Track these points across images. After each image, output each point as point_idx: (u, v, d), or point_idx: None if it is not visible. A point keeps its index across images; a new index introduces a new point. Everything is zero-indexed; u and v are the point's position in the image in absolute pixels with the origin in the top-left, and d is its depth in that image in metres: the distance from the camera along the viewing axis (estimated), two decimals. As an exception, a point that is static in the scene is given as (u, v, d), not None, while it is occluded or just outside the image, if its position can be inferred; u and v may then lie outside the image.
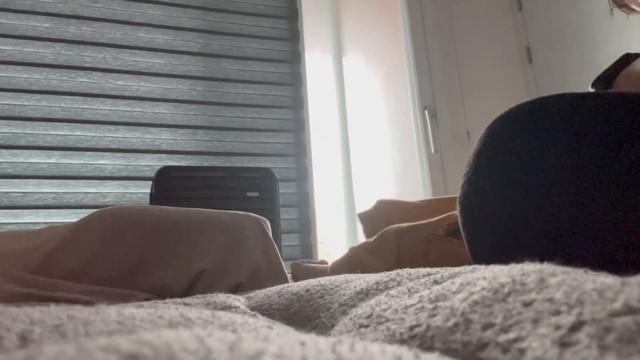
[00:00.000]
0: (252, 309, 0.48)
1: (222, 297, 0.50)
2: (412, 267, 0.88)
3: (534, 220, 0.46)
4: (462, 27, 2.23)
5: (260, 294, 0.53)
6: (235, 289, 0.81)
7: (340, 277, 0.48)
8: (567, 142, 0.46)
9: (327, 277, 0.50)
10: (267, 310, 0.47)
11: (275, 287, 0.54)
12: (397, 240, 0.95)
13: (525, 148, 0.49)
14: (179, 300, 0.51)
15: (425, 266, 0.86)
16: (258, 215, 0.92)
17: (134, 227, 0.81)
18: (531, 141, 0.49)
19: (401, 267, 0.88)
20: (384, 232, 0.99)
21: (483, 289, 0.27)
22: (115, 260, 0.78)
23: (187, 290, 0.79)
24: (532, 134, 0.49)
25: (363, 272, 0.88)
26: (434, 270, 0.40)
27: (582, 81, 1.81)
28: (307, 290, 0.46)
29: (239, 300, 0.50)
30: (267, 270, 0.87)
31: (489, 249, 0.50)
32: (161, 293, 0.76)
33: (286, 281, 0.90)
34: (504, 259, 0.48)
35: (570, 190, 0.45)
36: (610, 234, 0.43)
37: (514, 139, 0.50)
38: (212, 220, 0.86)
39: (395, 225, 0.99)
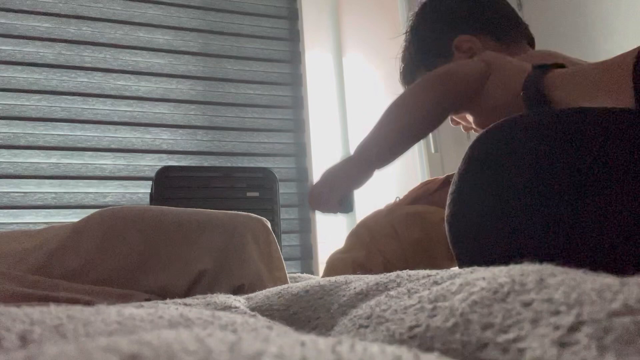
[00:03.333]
0: (252, 309, 0.48)
1: (222, 298, 0.50)
2: (384, 243, 0.91)
3: (522, 238, 0.46)
4: (462, 27, 2.22)
5: (260, 295, 0.53)
6: (237, 291, 0.80)
7: (340, 278, 0.48)
8: (550, 159, 0.47)
9: (327, 278, 0.50)
10: (266, 311, 0.47)
11: (275, 288, 0.54)
12: (367, 228, 0.98)
13: (508, 166, 0.49)
14: (179, 300, 0.51)
15: (393, 234, 0.89)
16: (259, 216, 0.92)
17: (134, 228, 0.81)
18: (515, 158, 0.49)
19: (374, 248, 0.91)
20: (352, 230, 1.02)
21: (482, 289, 0.27)
22: (115, 261, 0.78)
23: (187, 291, 0.79)
24: (515, 150, 0.49)
25: (342, 270, 0.89)
26: (434, 272, 0.40)
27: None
28: (307, 291, 0.46)
29: (239, 301, 0.50)
30: (268, 271, 0.87)
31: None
32: (161, 293, 0.76)
33: (287, 282, 0.90)
34: None
35: (554, 206, 0.45)
36: (598, 250, 0.43)
37: (497, 157, 0.51)
38: (212, 221, 0.86)
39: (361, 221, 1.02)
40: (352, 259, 0.93)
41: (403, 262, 0.87)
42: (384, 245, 0.92)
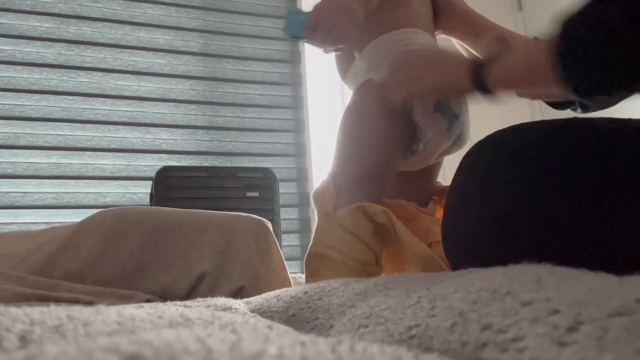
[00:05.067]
0: (252, 312, 0.48)
1: (222, 300, 0.50)
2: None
3: (516, 254, 0.47)
4: (462, 27, 2.22)
5: (259, 298, 0.53)
6: (237, 293, 0.80)
7: (339, 280, 0.48)
8: (541, 172, 0.47)
9: (325, 281, 0.50)
10: (265, 313, 0.47)
11: (274, 291, 0.54)
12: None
13: (499, 179, 0.50)
14: (179, 302, 0.51)
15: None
16: (259, 217, 0.92)
17: (135, 229, 0.81)
18: (505, 172, 0.50)
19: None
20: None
21: (481, 289, 0.27)
22: (116, 262, 0.78)
23: (188, 293, 0.79)
24: (506, 164, 0.50)
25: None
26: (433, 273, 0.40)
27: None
28: (306, 292, 0.46)
29: (239, 304, 0.50)
30: (268, 273, 0.86)
31: None
32: (162, 295, 0.76)
33: (289, 284, 0.90)
34: None
35: (549, 221, 0.45)
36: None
37: (488, 171, 0.51)
38: (213, 223, 0.86)
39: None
40: None
41: None
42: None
